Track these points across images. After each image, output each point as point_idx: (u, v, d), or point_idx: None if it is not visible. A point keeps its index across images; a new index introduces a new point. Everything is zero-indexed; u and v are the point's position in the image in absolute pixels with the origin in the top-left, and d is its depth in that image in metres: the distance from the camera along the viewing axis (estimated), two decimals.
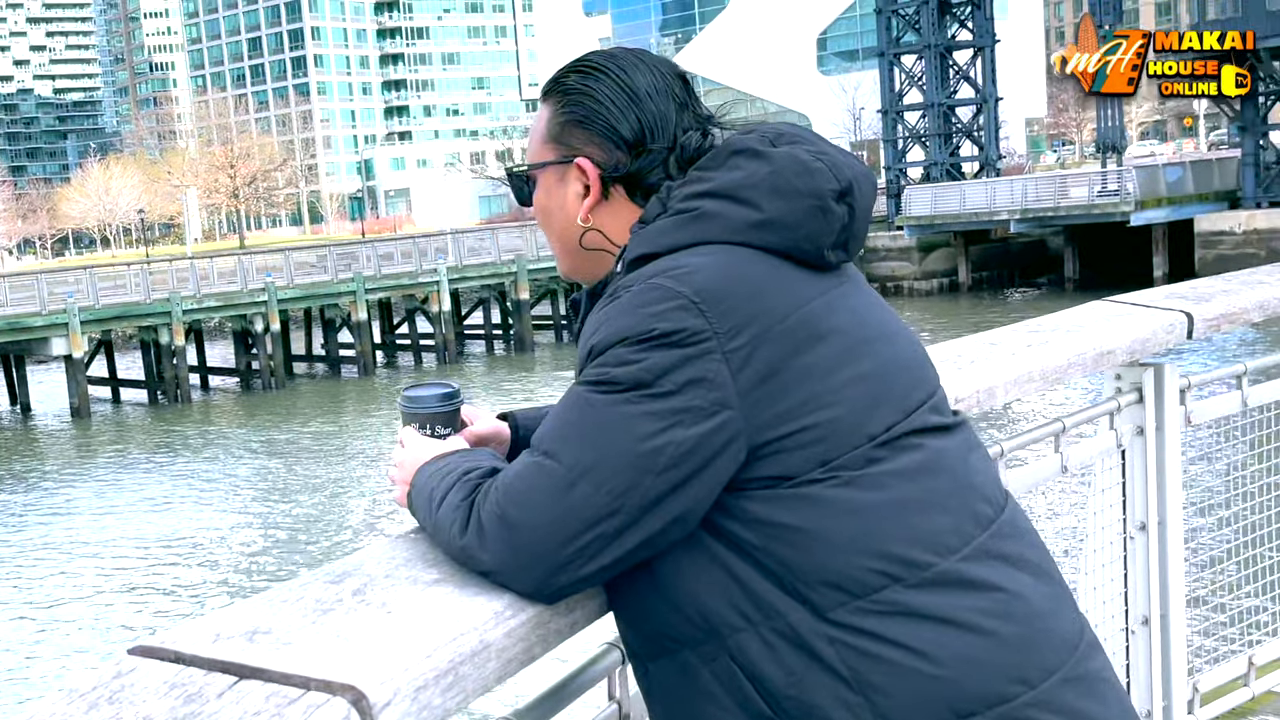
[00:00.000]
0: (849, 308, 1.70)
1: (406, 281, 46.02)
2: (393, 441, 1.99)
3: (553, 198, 1.87)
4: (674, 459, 1.56)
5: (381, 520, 23.45)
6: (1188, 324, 3.48)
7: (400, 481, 1.85)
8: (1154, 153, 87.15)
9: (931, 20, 52.63)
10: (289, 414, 37.17)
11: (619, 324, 1.62)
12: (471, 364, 45.72)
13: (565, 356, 45.40)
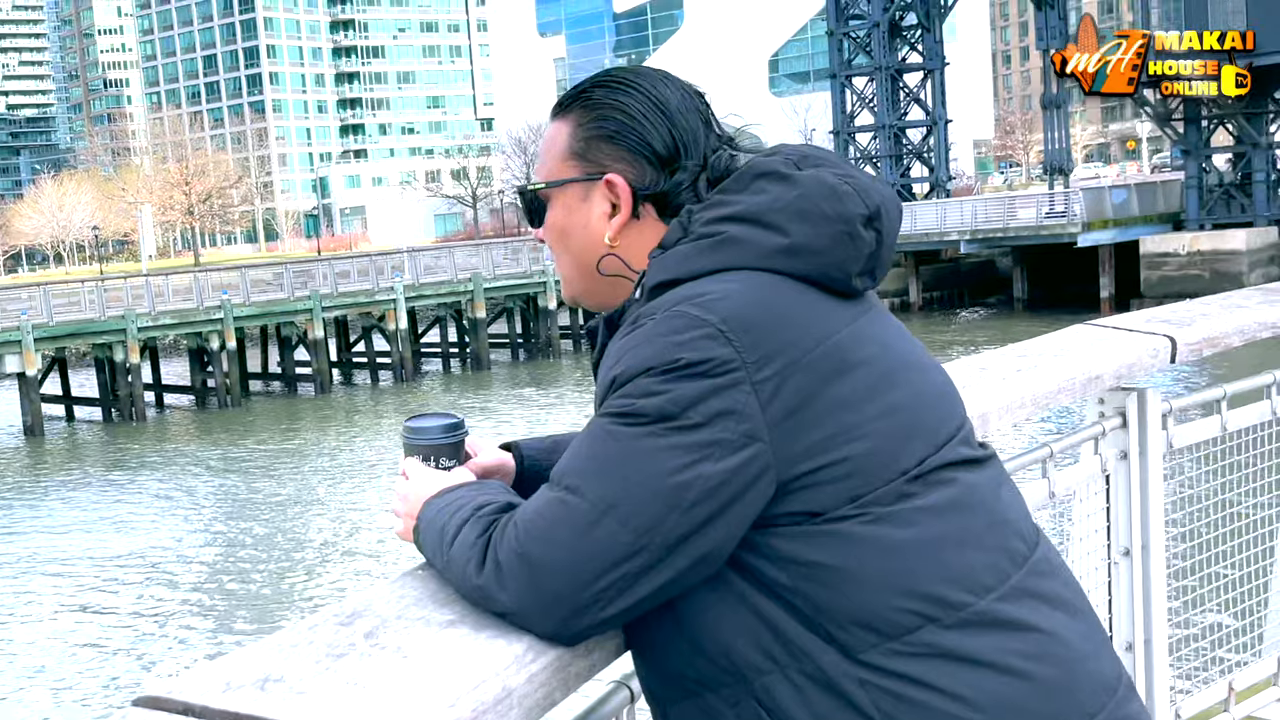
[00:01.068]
0: (876, 337, 1.63)
1: (363, 299, 45.71)
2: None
3: (574, 216, 1.78)
4: (702, 494, 1.48)
5: (343, 538, 23.24)
6: (1171, 348, 3.45)
7: (405, 515, 1.77)
8: (1099, 175, 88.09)
9: (882, 43, 53.02)
10: (245, 432, 36.80)
11: (643, 353, 1.54)
12: (428, 382, 45.47)
13: (521, 374, 45.26)
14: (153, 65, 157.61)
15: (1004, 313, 48.55)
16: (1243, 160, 45.02)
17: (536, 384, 42.13)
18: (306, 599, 19.67)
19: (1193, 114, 45.65)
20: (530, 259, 50.10)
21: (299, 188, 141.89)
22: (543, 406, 37.09)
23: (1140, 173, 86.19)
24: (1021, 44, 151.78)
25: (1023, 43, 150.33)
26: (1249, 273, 42.34)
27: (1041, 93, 53.46)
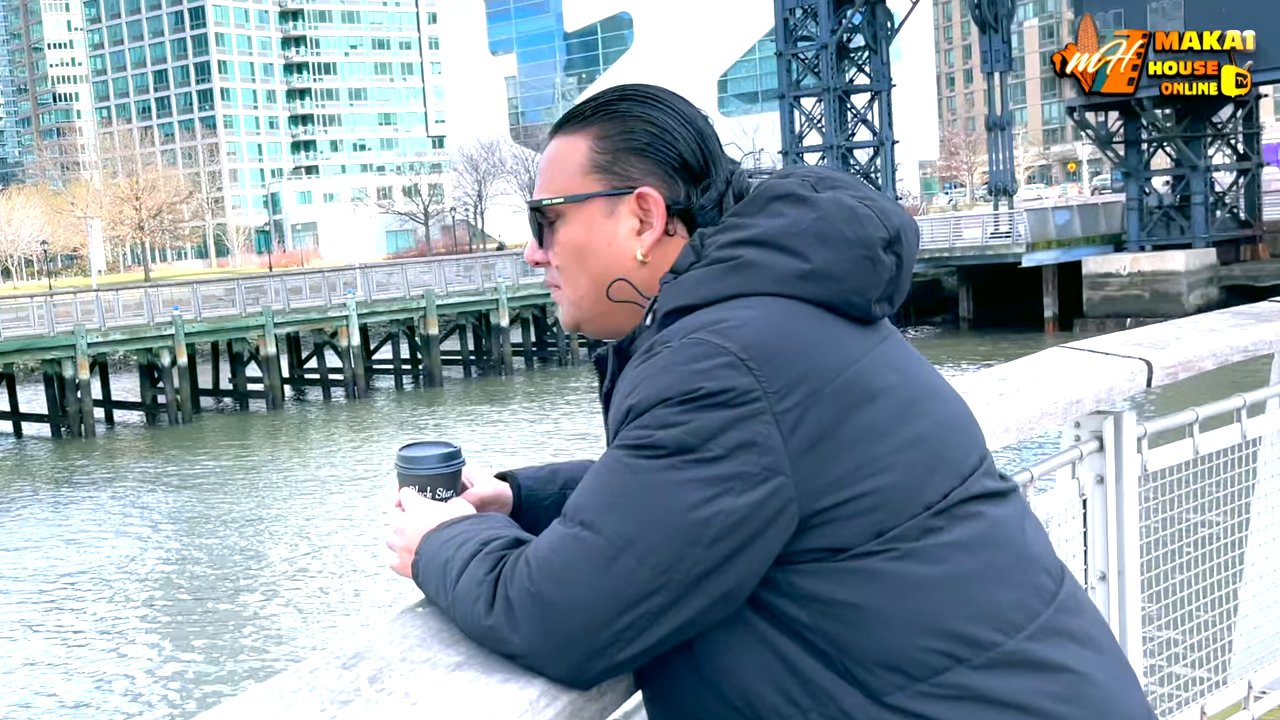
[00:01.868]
0: (897, 364, 1.56)
1: (316, 316, 45.33)
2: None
3: (597, 233, 1.68)
4: (723, 530, 1.41)
5: (299, 555, 22.98)
6: (1148, 372, 3.43)
7: (402, 548, 1.69)
8: (1041, 196, 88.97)
9: (830, 64, 53.26)
10: (197, 449, 36.37)
11: (660, 382, 1.46)
12: (380, 399, 45.16)
13: (473, 391, 45.03)
14: (103, 80, 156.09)
15: (950, 331, 48.88)
16: (1181, 183, 45.60)
17: (489, 401, 41.93)
18: (265, 616, 19.43)
19: (1133, 137, 46.21)
20: (483, 276, 49.91)
21: (250, 203, 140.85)
22: (495, 423, 36.91)
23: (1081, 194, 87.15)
24: (965, 66, 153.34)
25: (966, 65, 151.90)
26: (1188, 293, 42.88)
27: (985, 115, 53.96)
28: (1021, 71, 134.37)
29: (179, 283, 56.11)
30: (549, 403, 40.28)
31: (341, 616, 19.10)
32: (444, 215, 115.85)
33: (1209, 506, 3.82)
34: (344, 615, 19.14)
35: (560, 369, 48.46)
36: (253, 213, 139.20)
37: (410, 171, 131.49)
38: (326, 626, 18.64)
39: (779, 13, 55.00)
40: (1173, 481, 3.69)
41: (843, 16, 53.21)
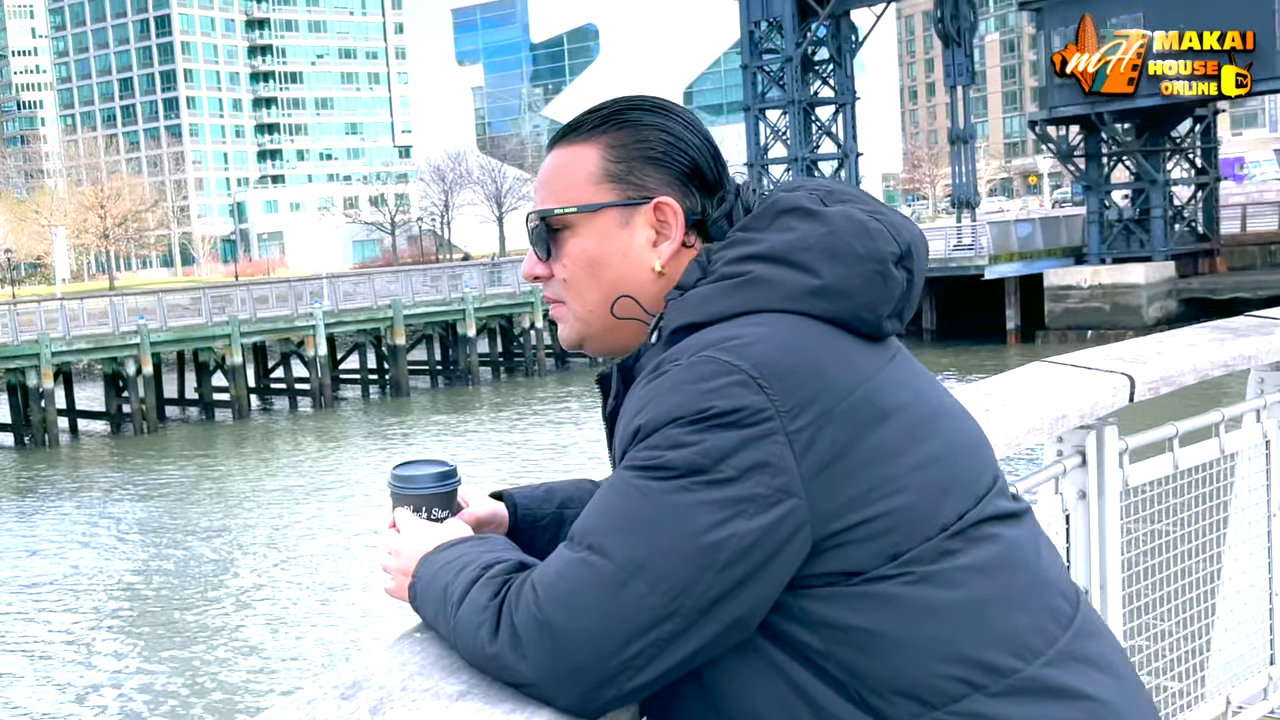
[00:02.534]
0: (908, 382, 1.52)
1: (282, 325, 45.07)
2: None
3: (611, 244, 1.62)
4: (736, 554, 1.36)
5: (267, 566, 22.79)
6: (1130, 387, 3.42)
7: (397, 571, 1.63)
8: (1003, 209, 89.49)
9: (795, 77, 53.41)
10: (161, 458, 36.06)
11: (670, 401, 1.41)
12: (347, 409, 44.92)
13: (440, 401, 44.85)
14: (68, 87, 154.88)
15: (913, 343, 48.97)
16: (1141, 197, 45.93)
17: (456, 410, 41.77)
18: (232, 627, 19.24)
19: (1094, 151, 46.55)
20: (450, 286, 49.74)
21: (216, 212, 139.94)
22: (462, 433, 36.76)
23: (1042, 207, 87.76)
24: (928, 80, 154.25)
25: (929, 79, 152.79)
26: (1147, 306, 43.21)
27: (948, 128, 54.23)
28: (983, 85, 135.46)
29: (144, 291, 55.68)
30: (516, 413, 40.16)
31: (309, 627, 18.94)
32: (410, 225, 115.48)
33: (1188, 521, 3.81)
34: (311, 625, 18.99)
35: (527, 379, 48.34)
36: (218, 222, 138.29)
37: (377, 181, 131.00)
38: (295, 637, 18.49)
39: (744, 25, 55.15)
40: (1153, 496, 3.68)
41: (807, 30, 53.40)
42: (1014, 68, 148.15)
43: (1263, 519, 4.08)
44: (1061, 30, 45.16)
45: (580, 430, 35.42)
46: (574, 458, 31.28)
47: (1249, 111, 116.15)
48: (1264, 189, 70.14)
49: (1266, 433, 4.06)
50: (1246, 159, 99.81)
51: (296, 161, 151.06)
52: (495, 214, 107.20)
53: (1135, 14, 43.04)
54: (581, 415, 38.49)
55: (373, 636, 16.73)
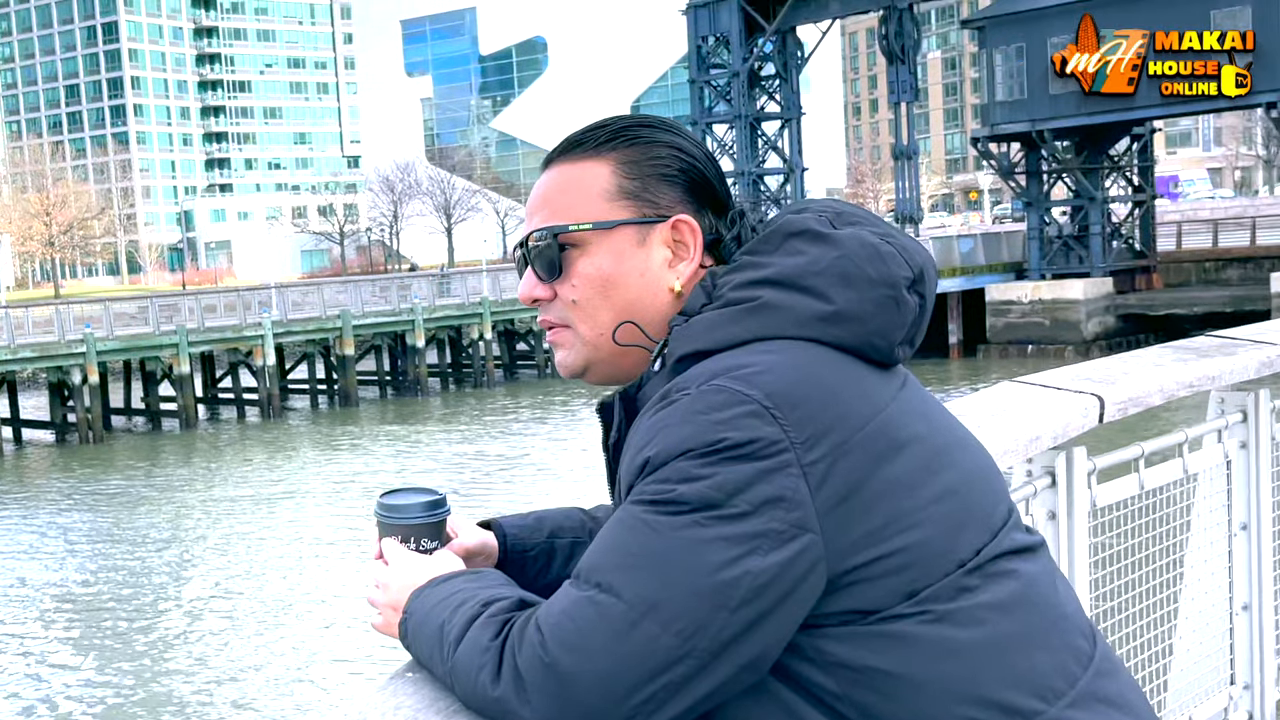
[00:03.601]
0: (921, 411, 1.45)
1: (230, 335, 44.57)
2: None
3: (628, 264, 1.54)
4: (751, 592, 1.29)
5: (213, 575, 22.48)
6: (1099, 407, 3.40)
7: (386, 605, 1.56)
8: (944, 224, 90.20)
9: (742, 92, 53.64)
10: (108, 468, 35.55)
11: (680, 433, 1.34)
12: (295, 419, 44.50)
13: (389, 412, 44.52)
14: (13, 93, 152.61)
15: None
16: (1080, 214, 46.46)
17: (404, 421, 41.49)
18: (180, 637, 18.96)
19: (1034, 168, 47.05)
20: (399, 296, 49.43)
21: (163, 220, 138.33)
22: (411, 444, 36.51)
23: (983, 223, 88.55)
24: (871, 96, 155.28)
25: (872, 95, 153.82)
26: (1086, 321, 43.70)
27: (892, 144, 54.66)
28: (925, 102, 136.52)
29: (91, 300, 54.90)
30: (466, 424, 39.97)
31: (258, 637, 18.72)
32: (359, 235, 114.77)
33: (1153, 541, 3.80)
34: (260, 635, 18.76)
35: (476, 390, 48.11)
36: (166, 230, 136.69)
37: (325, 191, 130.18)
38: (244, 647, 18.25)
39: (692, 40, 55.33)
40: (1119, 516, 3.67)
41: (754, 45, 53.66)
42: (955, 85, 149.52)
43: (1224, 538, 4.08)
44: (1004, 48, 45.66)
45: (530, 440, 35.30)
46: (524, 469, 31.16)
47: (1183, 131, 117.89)
48: (1197, 207, 71.20)
49: (1228, 453, 4.07)
50: (1180, 178, 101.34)
51: (244, 170, 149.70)
52: (444, 225, 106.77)
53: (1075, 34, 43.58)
54: (531, 426, 38.35)
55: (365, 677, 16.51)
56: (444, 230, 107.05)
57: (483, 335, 49.12)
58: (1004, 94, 46.34)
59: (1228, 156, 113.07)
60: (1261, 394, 4.12)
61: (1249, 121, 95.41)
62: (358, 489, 29.73)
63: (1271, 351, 4.03)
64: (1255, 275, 44.47)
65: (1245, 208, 63.88)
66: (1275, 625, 4.18)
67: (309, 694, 16.21)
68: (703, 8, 54.30)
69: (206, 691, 16.63)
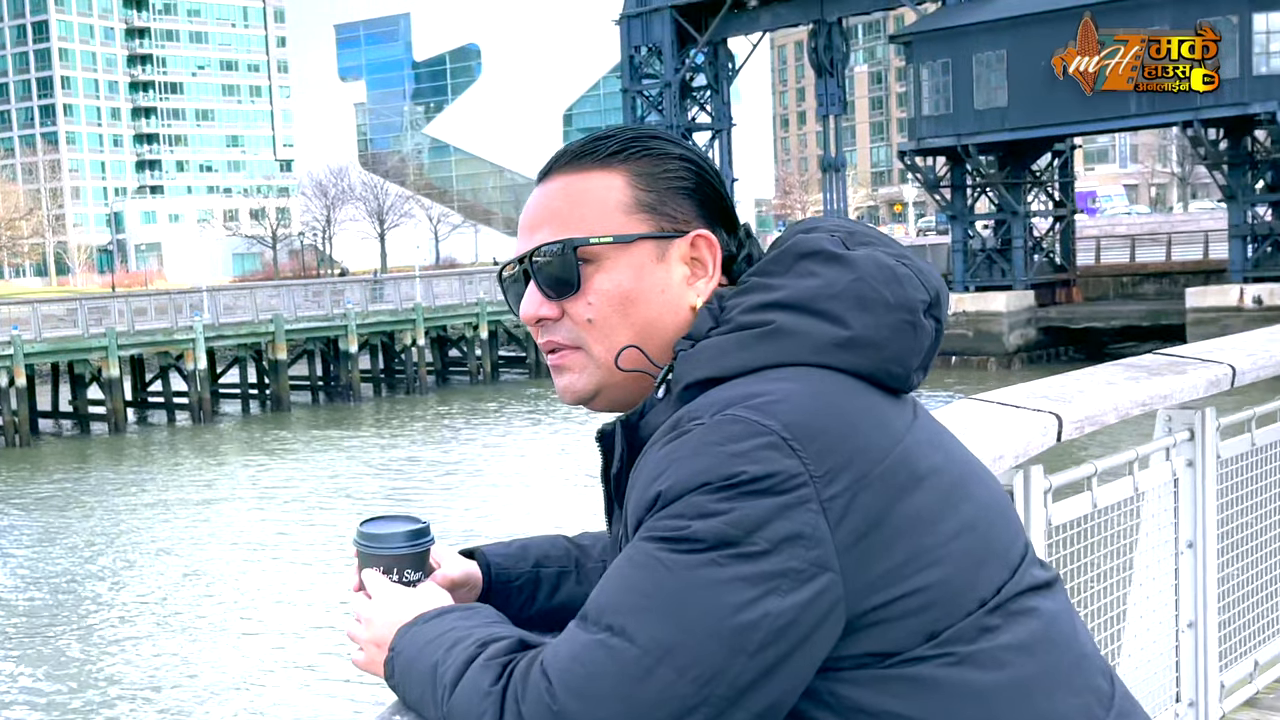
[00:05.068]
0: (937, 442, 1.37)
1: (161, 338, 43.83)
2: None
3: (648, 280, 1.45)
4: (770, 635, 1.21)
5: (142, 580, 22.06)
6: (1058, 426, 3.37)
7: (370, 642, 1.46)
8: None
9: (674, 102, 53.76)
10: (35, 472, 34.83)
11: (695, 466, 1.25)
12: (226, 423, 43.86)
13: (321, 417, 44.02)
14: None
15: None
16: (1003, 228, 46.98)
17: (337, 426, 41.04)
18: (108, 643, 18.57)
19: (959, 182, 47.54)
20: (332, 301, 48.91)
21: (93, 222, 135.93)
22: (344, 449, 36.10)
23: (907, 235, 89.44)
24: (799, 108, 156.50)
25: (800, 107, 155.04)
26: (1009, 333, 44.18)
27: (820, 156, 55.02)
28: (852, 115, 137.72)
29: (18, 301, 53.77)
30: (398, 430, 39.62)
31: (188, 641, 18.38)
32: (292, 239, 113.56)
33: (1104, 560, 3.78)
34: (190, 640, 18.43)
35: (408, 396, 47.70)
36: (95, 231, 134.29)
37: (258, 194, 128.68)
38: (172, 652, 17.91)
39: (625, 50, 55.37)
40: (1072, 535, 3.65)
41: (686, 56, 53.81)
42: (881, 99, 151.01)
43: (1170, 556, 4.08)
44: (930, 64, 46.11)
45: (465, 447, 35.04)
46: (458, 475, 30.93)
47: (1100, 148, 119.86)
48: (1115, 223, 72.37)
49: (1175, 471, 4.07)
50: (1099, 193, 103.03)
51: (176, 172, 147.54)
52: (377, 230, 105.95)
53: (1000, 51, 44.15)
54: (464, 432, 38.10)
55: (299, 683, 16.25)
56: (377, 236, 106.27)
57: (415, 341, 48.72)
58: (930, 109, 46.75)
59: (1143, 173, 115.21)
60: (1208, 412, 4.12)
61: (1164, 140, 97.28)
62: (290, 494, 29.36)
63: (1219, 370, 4.03)
64: (1171, 290, 45.25)
65: (1160, 224, 65.02)
66: (1219, 643, 4.19)
67: (239, 699, 15.94)
68: (636, 18, 54.36)
69: (140, 697, 16.30)
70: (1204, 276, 44.11)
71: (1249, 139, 41.23)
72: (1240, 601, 4.34)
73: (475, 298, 51.27)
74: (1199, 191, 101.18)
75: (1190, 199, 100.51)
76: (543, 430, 37.99)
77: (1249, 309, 37.95)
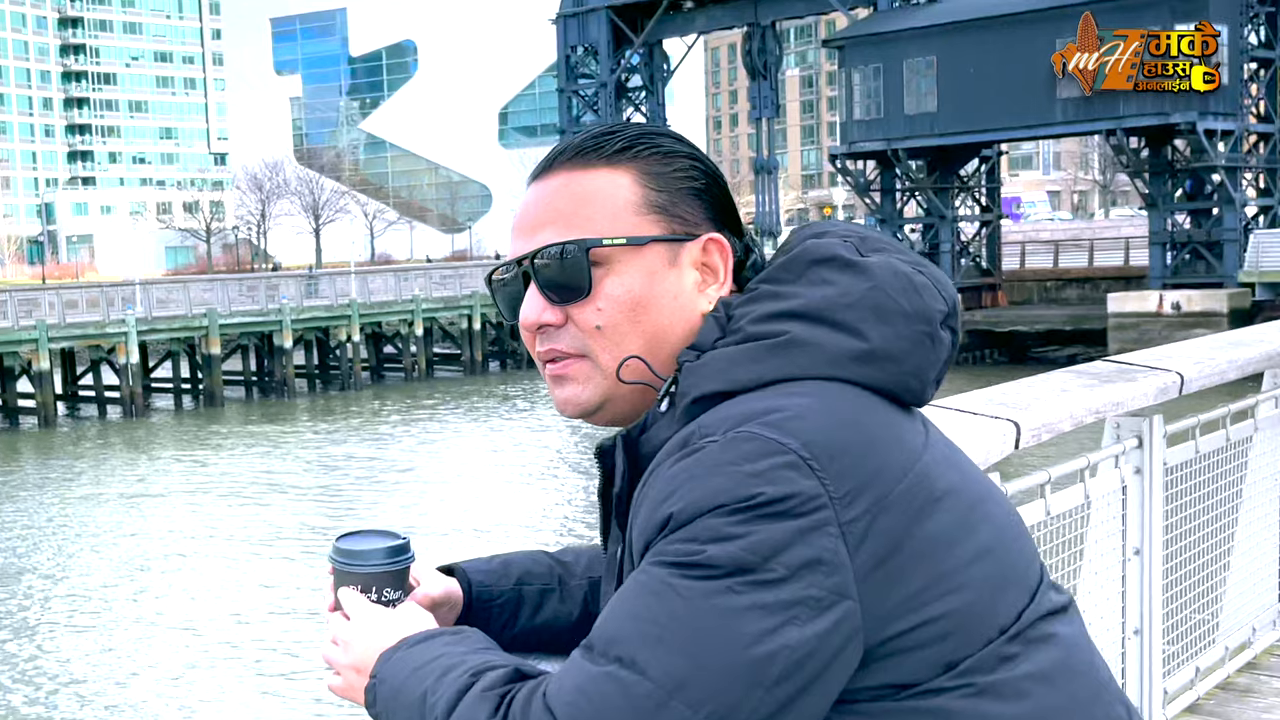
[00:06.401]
0: (953, 460, 1.29)
1: (93, 331, 43.00)
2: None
3: (660, 285, 1.35)
4: (788, 668, 1.13)
5: (69, 575, 21.62)
6: (1016, 433, 3.34)
7: (349, 667, 1.36)
8: None
9: (609, 103, 53.72)
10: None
11: (709, 486, 1.17)
12: (159, 418, 43.14)
13: (255, 412, 43.43)
14: None
15: None
16: (931, 232, 47.43)
17: (270, 421, 40.51)
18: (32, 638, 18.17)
19: (889, 185, 47.92)
20: (266, 296, 48.26)
21: (23, 212, 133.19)
22: (278, 445, 35.64)
23: None
24: (732, 110, 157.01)
25: (732, 109, 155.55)
26: None
27: (752, 158, 55.20)
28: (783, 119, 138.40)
29: None
30: (333, 426, 39.22)
31: (112, 634, 18.03)
32: (226, 233, 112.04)
33: (1056, 567, 3.77)
34: (119, 633, 18.09)
35: (342, 393, 47.20)
36: (25, 222, 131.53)
37: (192, 187, 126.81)
38: (100, 649, 17.56)
39: (561, 49, 55.25)
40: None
41: (621, 56, 53.79)
42: (812, 102, 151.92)
43: (1118, 564, 4.08)
44: (862, 68, 46.43)
45: (400, 444, 34.74)
46: (393, 472, 30.65)
47: (1025, 154, 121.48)
48: (1039, 228, 73.26)
49: (1124, 478, 4.06)
50: (1023, 199, 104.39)
51: (108, 164, 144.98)
52: (312, 225, 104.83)
53: (930, 57, 44.56)
54: (400, 429, 37.79)
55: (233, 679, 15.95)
56: (312, 231, 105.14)
57: (350, 337, 48.22)
58: (861, 113, 47.09)
59: (1066, 180, 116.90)
60: (1155, 419, 4.13)
61: (1086, 147, 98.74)
62: (223, 489, 28.94)
63: (1168, 378, 4.03)
64: (1093, 295, 45.87)
65: (1082, 230, 65.93)
66: (1163, 649, 4.19)
67: (175, 694, 15.65)
68: (572, 18, 54.23)
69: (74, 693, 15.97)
70: (1125, 282, 44.80)
71: (1169, 148, 41.92)
72: (1183, 608, 4.35)
73: (411, 294, 50.87)
74: (1119, 199, 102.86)
75: (1111, 206, 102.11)
76: (478, 427, 37.79)
77: (1168, 315, 38.55)
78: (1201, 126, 39.20)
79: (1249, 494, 4.76)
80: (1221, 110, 40.17)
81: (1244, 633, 4.70)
